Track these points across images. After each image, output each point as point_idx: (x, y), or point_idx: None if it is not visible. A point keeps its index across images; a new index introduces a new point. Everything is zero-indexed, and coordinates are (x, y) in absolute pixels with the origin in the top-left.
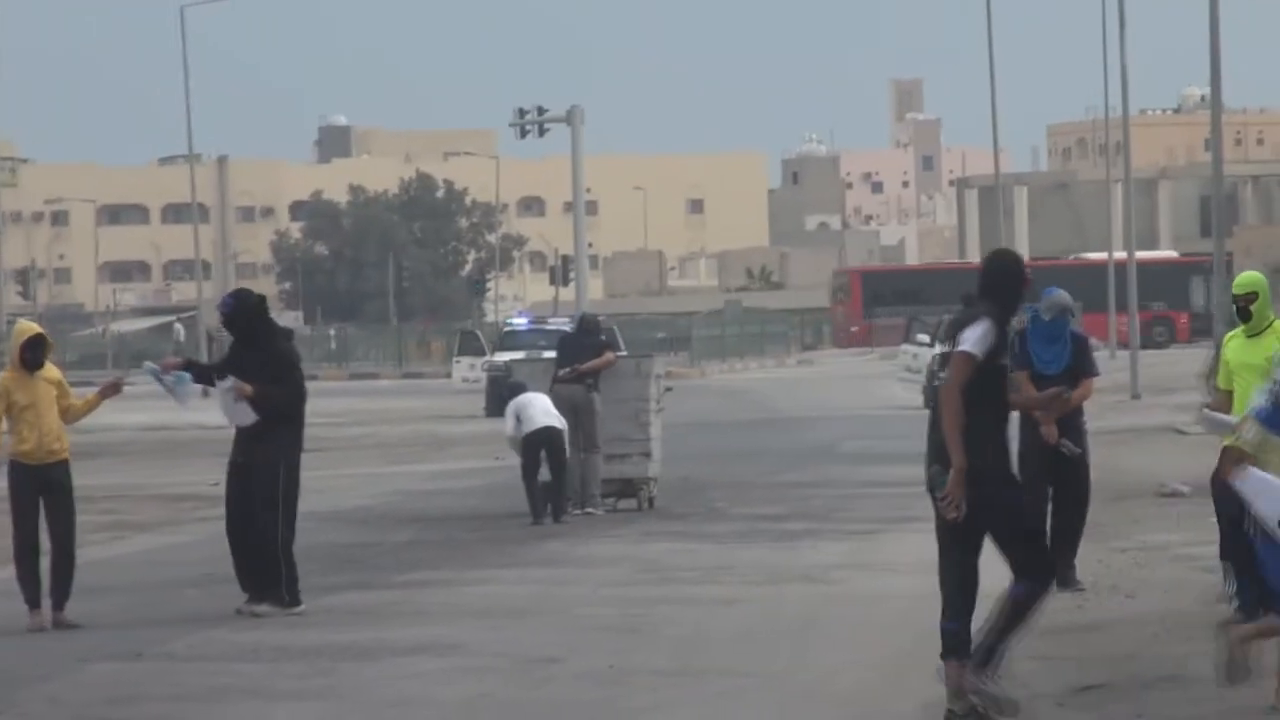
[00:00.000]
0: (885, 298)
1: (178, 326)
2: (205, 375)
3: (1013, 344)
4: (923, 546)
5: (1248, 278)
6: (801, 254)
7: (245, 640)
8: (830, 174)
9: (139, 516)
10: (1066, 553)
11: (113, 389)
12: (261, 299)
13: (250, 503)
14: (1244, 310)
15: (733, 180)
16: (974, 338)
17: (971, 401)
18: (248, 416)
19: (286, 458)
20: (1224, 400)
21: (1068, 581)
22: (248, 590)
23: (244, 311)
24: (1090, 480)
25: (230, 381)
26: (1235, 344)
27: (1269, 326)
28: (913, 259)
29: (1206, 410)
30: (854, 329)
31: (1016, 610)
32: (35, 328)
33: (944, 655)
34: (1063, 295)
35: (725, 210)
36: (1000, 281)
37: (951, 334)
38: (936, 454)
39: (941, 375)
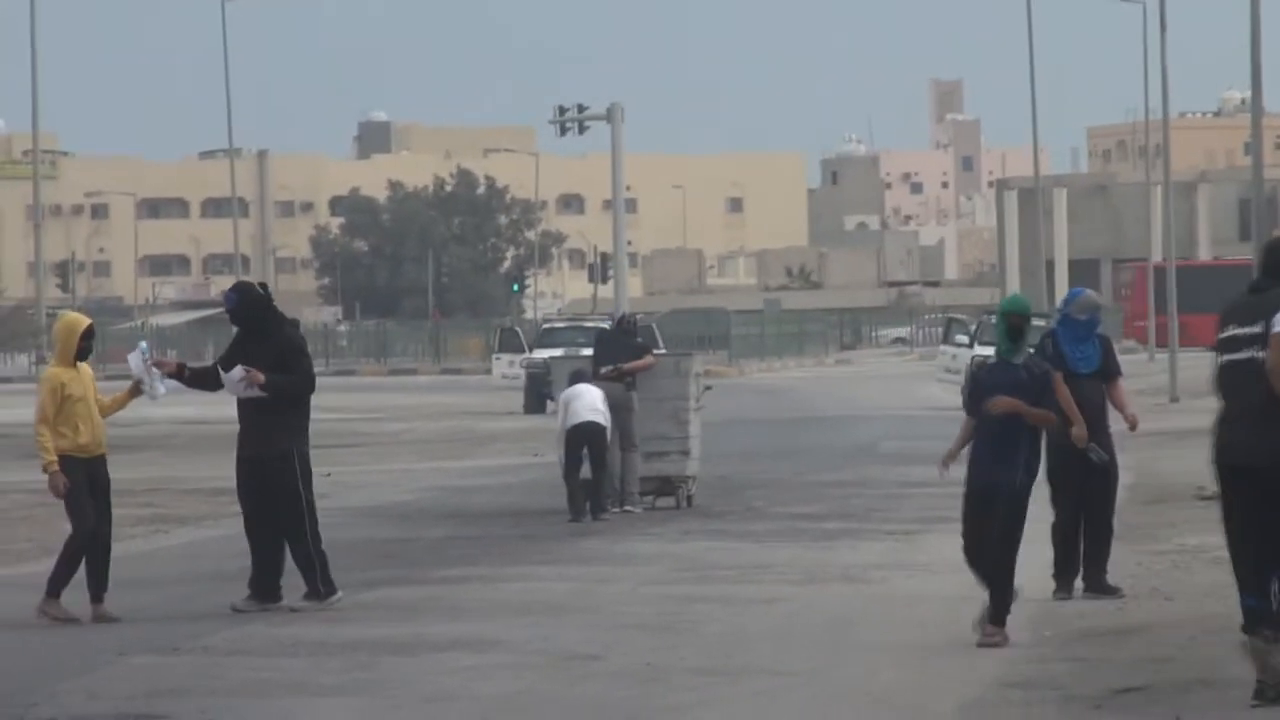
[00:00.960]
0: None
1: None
2: (203, 377)
3: (1044, 345)
4: (960, 546)
5: None
6: (840, 254)
7: (284, 635)
8: (870, 174)
9: (178, 510)
10: (1097, 558)
11: (136, 390)
12: (266, 290)
13: (270, 497)
14: None
15: (772, 179)
16: None
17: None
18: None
19: (299, 447)
20: None
21: (1101, 587)
22: (260, 591)
23: (251, 304)
24: (1118, 484)
25: (240, 371)
26: None
27: None
28: (951, 260)
29: None
30: (1139, 324)
31: None
32: (86, 319)
33: (1246, 629)
34: (1094, 295)
35: (764, 209)
36: None
37: (1246, 319)
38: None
39: (1254, 354)
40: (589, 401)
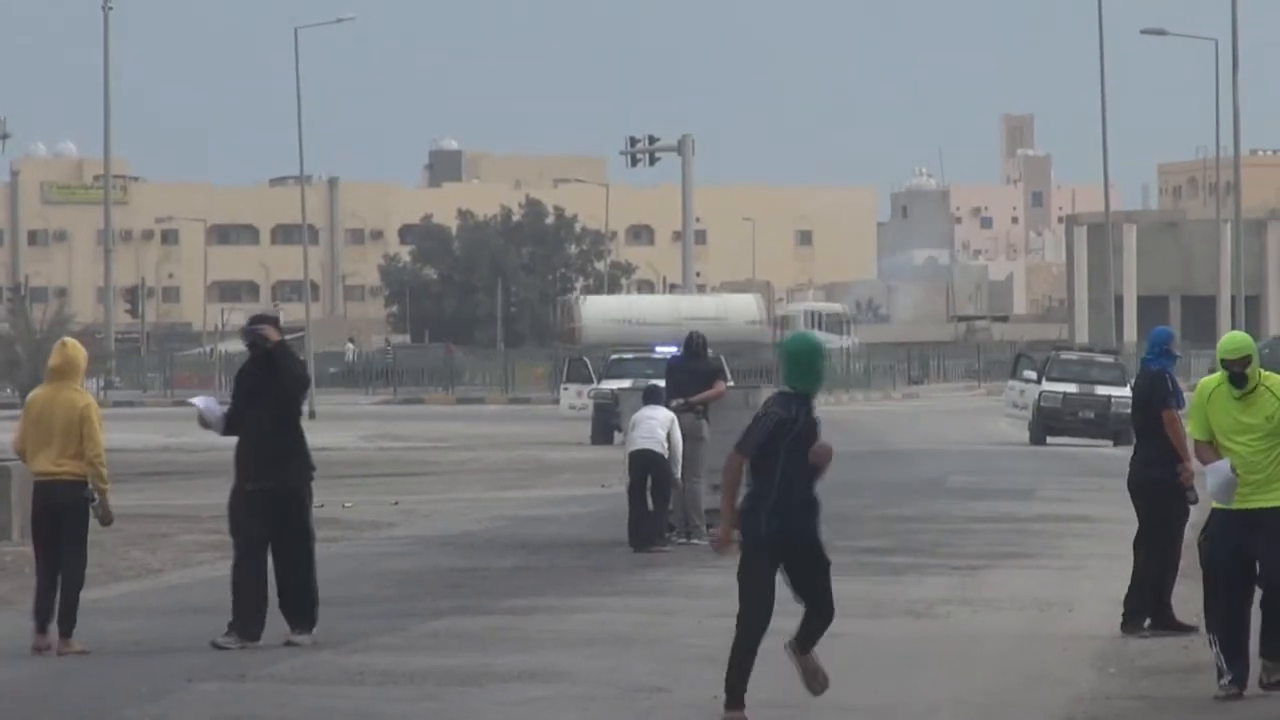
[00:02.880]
0: None
1: (350, 346)
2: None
3: (1159, 381)
4: (1028, 583)
5: (1240, 340)
6: (909, 288)
7: (350, 663)
8: (940, 208)
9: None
10: (1163, 591)
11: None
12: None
13: (277, 531)
14: (1240, 375)
15: (842, 213)
16: None
17: None
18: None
19: (306, 481)
20: (1205, 450)
21: (1168, 622)
22: (248, 628)
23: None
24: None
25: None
26: (1224, 403)
27: (1258, 385)
28: (1020, 295)
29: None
30: None
31: None
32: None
33: None
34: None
35: (834, 242)
36: None
37: None
38: None
39: None
40: (649, 429)
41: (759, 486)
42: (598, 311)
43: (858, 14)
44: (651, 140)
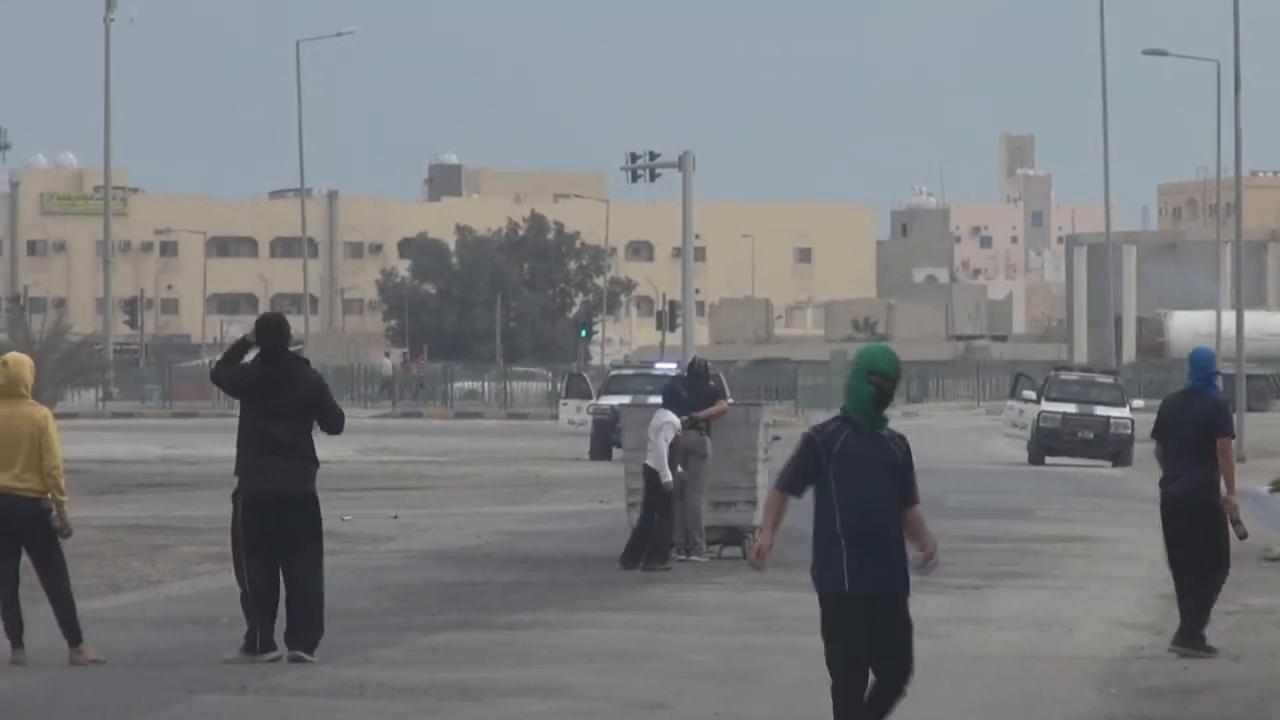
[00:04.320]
0: None
1: (386, 360)
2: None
3: (1229, 408)
4: (1028, 602)
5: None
6: (908, 306)
7: (350, 677)
8: (939, 227)
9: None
10: (1201, 614)
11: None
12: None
13: (289, 537)
14: None
15: (841, 230)
16: None
17: None
18: None
19: (314, 484)
20: None
21: (1199, 642)
22: (262, 640)
23: (287, 334)
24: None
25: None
26: None
27: None
28: (1019, 315)
29: None
30: None
31: None
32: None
33: None
34: None
35: (833, 260)
36: None
37: None
38: None
39: None
40: (639, 438)
41: None
42: (1186, 326)
43: (858, 32)
44: (653, 156)
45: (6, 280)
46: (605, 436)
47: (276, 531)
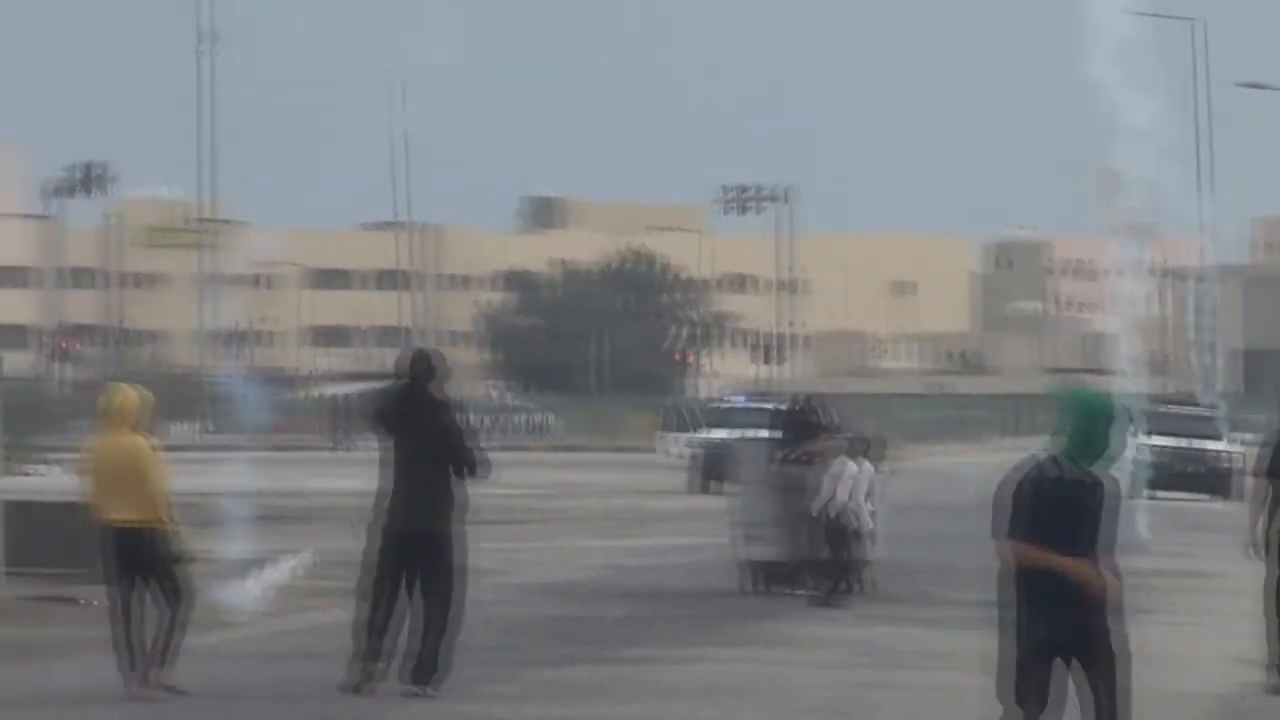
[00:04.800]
0: None
1: (493, 394)
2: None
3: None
4: (1138, 637)
5: None
6: (1007, 339)
7: (466, 711)
8: (1039, 260)
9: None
10: None
11: None
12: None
13: (426, 573)
14: None
15: (940, 263)
16: None
17: None
18: None
19: (448, 523)
20: None
21: None
22: (371, 670)
23: (432, 371)
24: None
25: None
26: None
27: None
28: (1122, 347)
29: None
30: None
31: None
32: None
33: None
34: None
35: (932, 293)
36: None
37: None
38: None
39: None
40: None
41: None
42: None
43: (953, 64)
44: (755, 190)
45: (107, 313)
46: (707, 469)
47: (407, 565)
